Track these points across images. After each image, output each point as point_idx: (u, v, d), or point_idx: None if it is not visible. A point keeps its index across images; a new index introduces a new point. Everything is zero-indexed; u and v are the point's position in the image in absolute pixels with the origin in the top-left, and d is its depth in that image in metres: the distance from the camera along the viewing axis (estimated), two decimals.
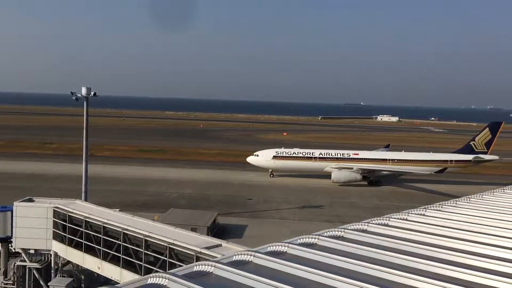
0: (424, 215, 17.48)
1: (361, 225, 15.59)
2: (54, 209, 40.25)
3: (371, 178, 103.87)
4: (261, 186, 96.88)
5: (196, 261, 21.19)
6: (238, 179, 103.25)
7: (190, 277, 10.57)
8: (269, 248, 12.89)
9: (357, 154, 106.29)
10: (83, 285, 42.61)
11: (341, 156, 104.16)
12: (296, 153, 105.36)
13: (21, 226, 40.87)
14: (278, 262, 11.48)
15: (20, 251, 42.09)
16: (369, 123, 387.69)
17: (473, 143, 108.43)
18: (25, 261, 41.92)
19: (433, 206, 18.96)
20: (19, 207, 41.25)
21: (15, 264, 42.27)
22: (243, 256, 12.06)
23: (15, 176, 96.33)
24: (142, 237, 32.13)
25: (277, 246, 12.88)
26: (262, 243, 13.92)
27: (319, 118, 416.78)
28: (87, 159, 56.76)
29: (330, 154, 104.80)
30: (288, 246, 12.82)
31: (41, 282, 41.87)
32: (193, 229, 46.22)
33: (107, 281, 35.45)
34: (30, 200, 42.64)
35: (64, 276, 41.71)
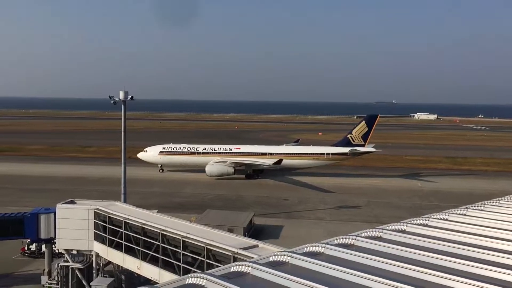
0: (465, 215, 17.04)
1: (400, 225, 15.34)
2: (95, 211, 41.32)
3: (248, 172, 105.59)
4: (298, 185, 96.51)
5: (233, 262, 21.35)
6: (276, 180, 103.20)
7: (228, 277, 10.66)
8: (305, 249, 12.86)
9: (239, 148, 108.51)
10: (123, 285, 43.50)
11: (223, 151, 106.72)
12: (182, 148, 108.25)
13: (63, 227, 42.14)
14: (315, 263, 11.44)
15: (63, 251, 43.33)
16: (405, 122, 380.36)
17: (350, 136, 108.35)
18: (68, 261, 43.16)
19: (475, 206, 18.47)
20: (61, 209, 42.50)
21: (59, 265, 43.57)
22: (280, 256, 12.08)
23: (57, 179, 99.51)
24: (180, 238, 32.57)
25: (314, 247, 12.83)
26: (298, 244, 13.91)
27: (355, 118, 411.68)
28: (125, 162, 57.97)
29: (213, 149, 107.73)
30: (325, 247, 12.75)
31: (84, 282, 43.01)
32: (230, 230, 46.46)
33: (147, 281, 36.06)
34: (72, 202, 43.80)
35: (105, 276, 42.75)
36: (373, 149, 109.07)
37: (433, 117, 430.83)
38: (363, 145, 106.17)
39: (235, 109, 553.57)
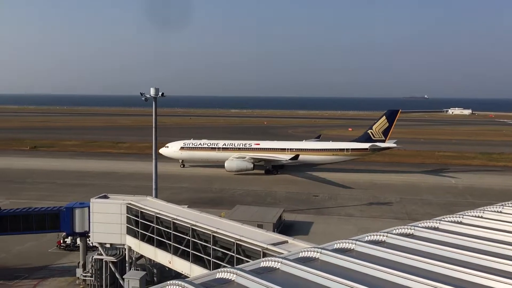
0: (501, 212, 16.58)
1: (433, 222, 15.06)
2: (127, 205, 42.12)
3: (267, 167, 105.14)
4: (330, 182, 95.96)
5: (262, 257, 21.41)
6: (305, 176, 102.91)
7: (258, 272, 10.70)
8: (336, 245, 12.78)
9: (258, 144, 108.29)
10: (155, 278, 44.26)
11: (243, 146, 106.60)
12: (202, 144, 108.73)
13: (97, 221, 43.14)
14: (345, 260, 11.35)
15: (97, 245, 44.38)
16: (438, 117, 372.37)
17: (371, 131, 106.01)
18: (101, 254, 44.18)
19: (511, 203, 17.96)
20: (95, 203, 43.50)
21: (93, 258, 44.62)
22: (309, 253, 12.04)
23: (91, 174, 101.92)
24: (210, 233, 32.87)
25: (344, 243, 12.74)
26: (328, 240, 13.82)
27: None
28: (156, 157, 58.81)
29: (233, 145, 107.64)
30: (355, 244, 12.64)
31: (117, 275, 43.95)
32: (259, 226, 46.58)
33: (178, 275, 36.57)
34: (105, 197, 44.77)
35: (138, 270, 43.57)
36: (394, 145, 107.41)
37: (467, 112, 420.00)
38: (383, 141, 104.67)
39: (265, 105, 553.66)
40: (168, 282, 10.35)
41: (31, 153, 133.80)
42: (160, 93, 56.25)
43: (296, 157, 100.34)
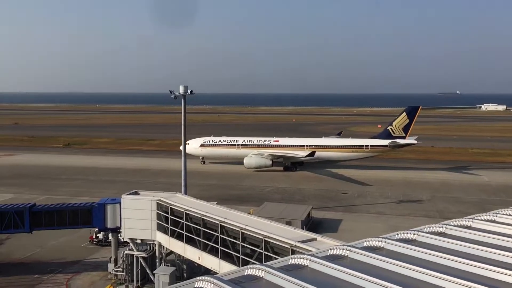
0: None
1: (465, 221, 14.75)
2: (157, 202, 42.72)
3: (286, 164, 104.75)
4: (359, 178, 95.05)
5: (291, 254, 21.39)
6: (334, 173, 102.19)
7: (286, 269, 10.71)
8: (365, 243, 12.67)
9: (277, 140, 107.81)
10: (185, 274, 44.74)
11: (262, 143, 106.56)
12: (222, 141, 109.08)
13: (128, 217, 43.92)
14: (375, 258, 11.24)
15: (128, 240, 45.18)
16: (472, 113, 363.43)
17: (391, 128, 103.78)
18: (132, 250, 44.96)
19: None
20: (126, 199, 44.28)
21: (124, 253, 45.46)
22: (338, 250, 11.98)
23: (122, 170, 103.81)
24: (238, 229, 33.03)
25: (374, 241, 12.61)
26: (357, 238, 13.72)
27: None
28: (185, 154, 59.41)
29: (252, 142, 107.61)
30: (385, 242, 12.50)
31: (147, 270, 44.66)
32: (288, 223, 46.54)
33: (207, 271, 36.95)
34: (136, 193, 45.53)
35: (168, 265, 44.14)
36: (415, 141, 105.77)
37: (501, 108, 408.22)
38: (403, 137, 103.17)
39: (294, 102, 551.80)
40: (198, 278, 10.46)
41: (64, 150, 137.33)
42: (189, 91, 56.76)
43: (312, 153, 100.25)
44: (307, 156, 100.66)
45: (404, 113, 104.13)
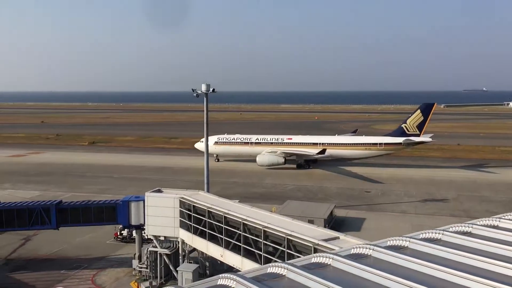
0: None
1: (492, 220, 14.44)
2: (180, 200, 43.09)
3: (299, 161, 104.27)
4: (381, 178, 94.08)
5: (314, 253, 21.32)
6: (354, 171, 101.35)
7: (309, 268, 10.68)
8: (389, 242, 12.53)
9: (290, 138, 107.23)
10: (207, 271, 45.05)
11: (275, 141, 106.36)
12: (235, 139, 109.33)
13: (151, 214, 44.46)
14: (399, 257, 11.11)
15: (151, 237, 45.76)
16: (499, 110, 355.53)
17: (405, 126, 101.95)
18: (156, 247, 45.48)
19: None
20: (149, 197, 44.84)
21: (148, 250, 46.01)
22: (361, 249, 11.87)
23: (146, 168, 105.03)
24: (261, 227, 33.05)
25: (398, 241, 12.46)
26: (380, 237, 13.58)
27: (442, 107, 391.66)
28: (208, 153, 59.73)
29: (265, 139, 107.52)
30: (409, 241, 12.34)
31: (171, 267, 45.11)
32: (310, 221, 46.29)
33: (230, 269, 37.05)
34: (159, 191, 46.02)
35: (191, 262, 44.52)
36: (429, 139, 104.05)
37: None
38: (418, 135, 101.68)
39: (317, 100, 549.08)
40: (220, 275, 10.50)
41: (89, 148, 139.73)
42: (211, 89, 57.00)
43: (323, 151, 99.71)
44: (317, 154, 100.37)
45: (419, 111, 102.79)
